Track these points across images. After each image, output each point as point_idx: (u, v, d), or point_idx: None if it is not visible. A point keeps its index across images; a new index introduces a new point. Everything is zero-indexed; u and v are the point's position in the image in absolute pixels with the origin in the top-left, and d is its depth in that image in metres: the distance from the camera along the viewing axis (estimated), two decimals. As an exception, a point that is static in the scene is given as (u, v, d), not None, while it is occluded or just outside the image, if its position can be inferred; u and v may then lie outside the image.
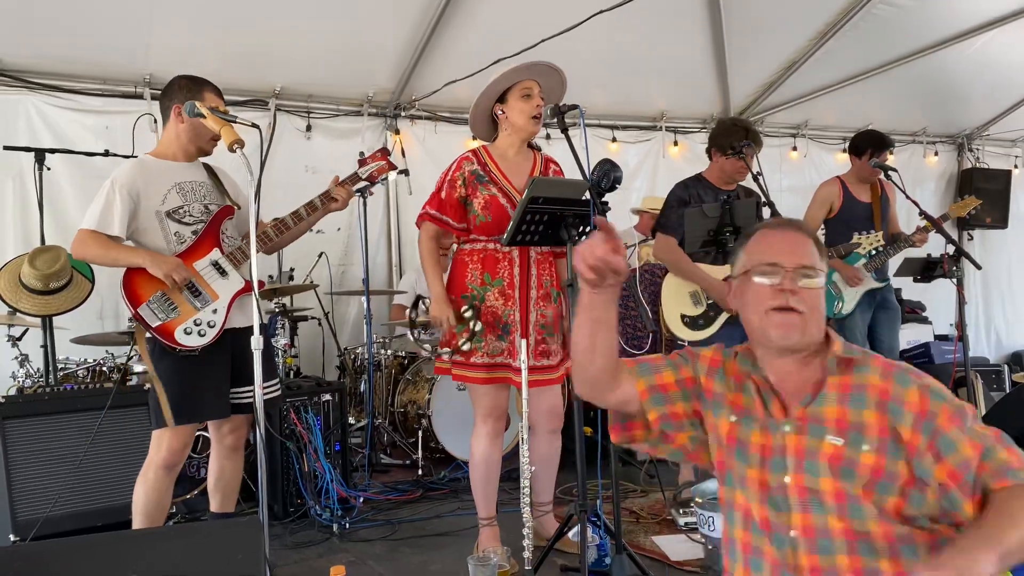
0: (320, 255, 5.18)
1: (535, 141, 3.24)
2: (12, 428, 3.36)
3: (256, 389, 2.57)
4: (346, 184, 3.13)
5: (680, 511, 3.43)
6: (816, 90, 6.68)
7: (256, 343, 2.58)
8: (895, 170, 4.48)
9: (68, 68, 4.66)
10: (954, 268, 4.12)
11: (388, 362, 4.93)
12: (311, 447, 3.74)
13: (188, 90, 2.93)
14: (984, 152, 8.23)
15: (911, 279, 4.52)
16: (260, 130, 2.76)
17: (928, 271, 4.41)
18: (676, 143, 6.66)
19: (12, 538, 3.25)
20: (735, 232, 3.54)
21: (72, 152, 4.28)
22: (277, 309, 4.61)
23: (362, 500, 3.84)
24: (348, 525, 3.57)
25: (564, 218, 2.77)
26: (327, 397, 3.92)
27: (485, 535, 3.09)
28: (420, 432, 4.46)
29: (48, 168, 4.08)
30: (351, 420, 4.60)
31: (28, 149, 4.13)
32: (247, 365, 2.90)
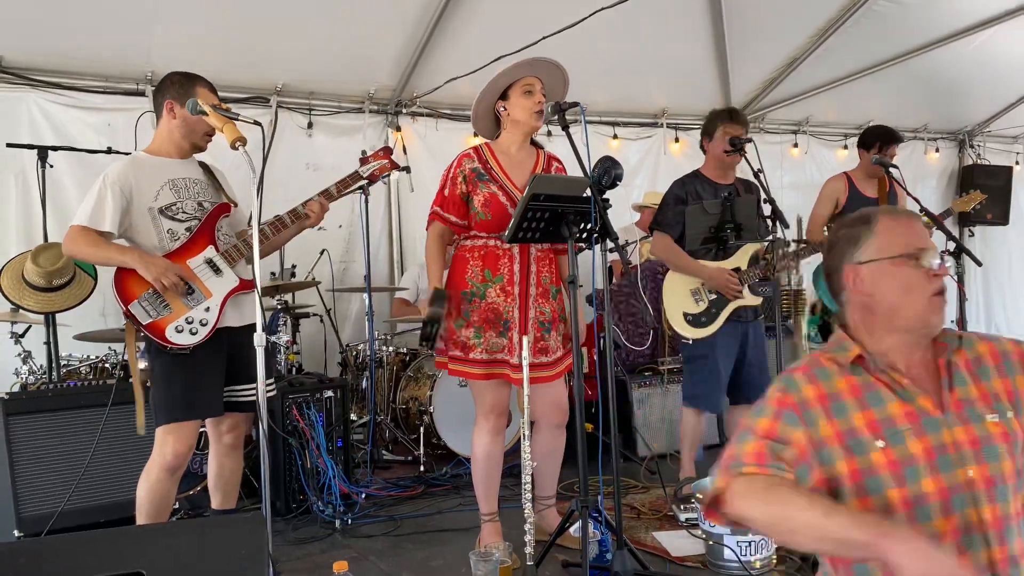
0: (322, 252, 5.19)
1: (537, 138, 3.25)
2: (16, 425, 3.37)
3: (259, 385, 2.56)
4: (321, 199, 3.06)
5: (681, 507, 3.43)
6: (817, 87, 6.68)
7: (259, 339, 2.57)
8: (895, 166, 4.49)
9: (70, 66, 4.67)
10: (954, 264, 4.13)
11: (390, 359, 4.94)
12: (313, 443, 3.75)
13: (180, 86, 2.90)
14: (985, 148, 8.24)
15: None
16: (262, 127, 2.73)
17: (929, 268, 4.41)
18: (677, 140, 6.67)
19: (16, 534, 3.27)
20: (736, 229, 3.54)
21: (75, 149, 4.30)
22: (279, 306, 4.62)
23: (364, 496, 3.85)
24: (350, 521, 3.59)
25: (565, 215, 2.78)
26: (329, 394, 3.93)
27: (487, 531, 3.10)
28: (422, 428, 4.47)
29: (51, 165, 4.10)
30: (353, 416, 4.61)
31: (31, 146, 4.15)
32: (244, 363, 2.90)
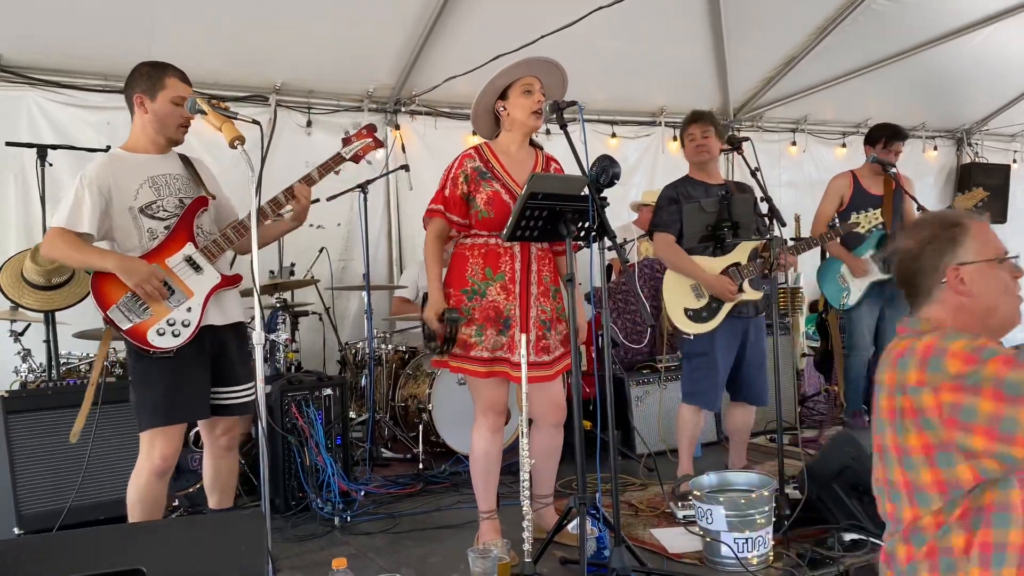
0: (321, 250, 5.20)
1: (535, 137, 3.26)
2: (15, 423, 3.38)
3: (258, 383, 2.56)
4: (301, 184, 2.96)
5: (679, 504, 3.45)
6: (815, 85, 6.70)
7: (258, 338, 2.57)
8: (893, 165, 4.51)
9: (69, 64, 4.67)
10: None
11: (389, 357, 4.95)
12: (312, 441, 3.76)
13: (149, 78, 2.82)
14: (983, 147, 8.26)
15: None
16: (260, 126, 2.73)
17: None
18: (675, 138, 6.66)
19: (16, 531, 3.28)
20: (733, 227, 3.55)
21: (74, 148, 4.30)
22: (278, 304, 4.63)
23: (363, 494, 3.86)
24: (349, 518, 3.59)
25: (563, 214, 2.79)
26: (328, 392, 3.94)
27: (485, 528, 3.11)
28: (421, 426, 4.48)
29: (50, 164, 4.10)
30: (352, 414, 4.62)
31: (30, 145, 4.15)
32: (228, 364, 2.87)
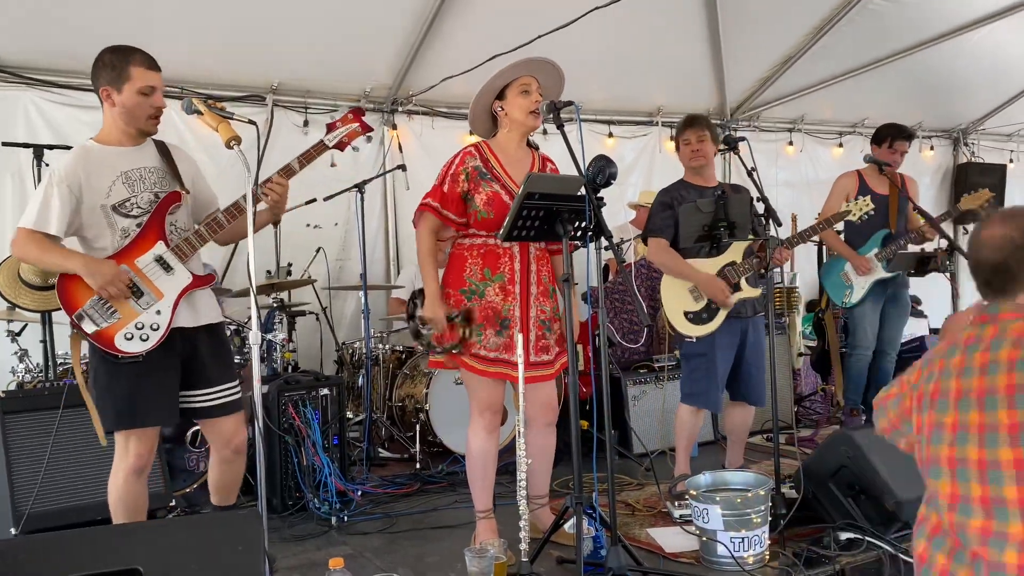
0: (318, 250, 5.20)
1: (532, 137, 3.26)
2: (12, 423, 3.38)
3: (255, 383, 2.54)
4: (279, 176, 2.85)
5: (675, 504, 3.45)
6: (812, 85, 6.71)
7: (254, 338, 2.56)
8: (889, 164, 4.53)
9: (66, 64, 4.65)
10: (947, 262, 4.17)
11: (386, 357, 4.95)
12: (309, 441, 3.76)
13: (112, 68, 2.67)
14: (979, 147, 8.28)
15: (905, 274, 4.57)
16: (257, 126, 2.71)
17: (922, 265, 4.46)
18: (672, 138, 6.68)
19: (13, 531, 3.27)
20: (729, 227, 3.56)
21: (70, 148, 4.25)
22: (275, 304, 4.63)
23: (360, 493, 3.87)
24: (346, 518, 3.60)
25: (560, 214, 2.79)
26: (325, 391, 3.94)
27: (482, 527, 3.12)
28: (418, 426, 4.48)
29: (46, 164, 4.09)
30: (349, 414, 4.62)
31: (27, 145, 4.14)
32: (201, 366, 2.80)
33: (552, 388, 3.19)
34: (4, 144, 4.19)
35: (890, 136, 4.62)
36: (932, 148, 8.03)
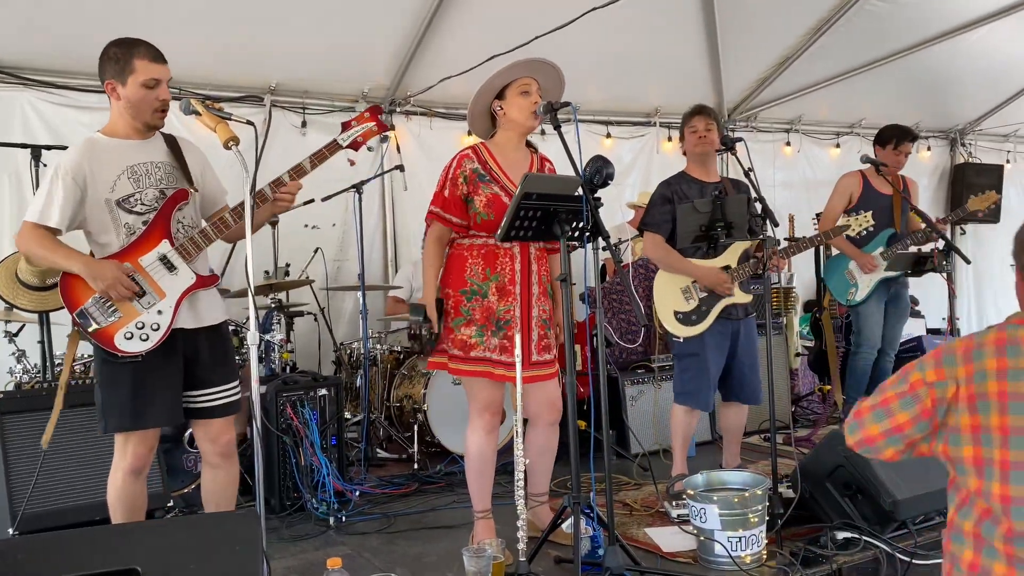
0: (316, 250, 5.21)
1: (531, 137, 3.26)
2: (10, 423, 3.38)
3: (253, 384, 2.53)
4: (290, 174, 2.83)
5: (673, 503, 3.46)
6: (809, 85, 6.72)
7: (252, 339, 2.55)
8: (886, 165, 4.54)
9: (64, 64, 4.66)
10: (944, 263, 4.18)
11: (384, 357, 4.95)
12: (307, 441, 3.77)
13: (117, 62, 2.64)
14: (976, 147, 8.29)
15: (902, 274, 4.58)
16: (255, 127, 2.69)
17: (918, 266, 4.47)
18: (670, 139, 6.69)
19: (11, 532, 3.27)
20: (726, 227, 3.56)
21: (68, 148, 4.29)
22: (273, 304, 4.64)
23: (358, 494, 3.86)
24: (344, 518, 3.60)
25: (557, 214, 2.79)
26: (323, 392, 3.94)
27: (480, 527, 3.12)
28: (416, 426, 4.49)
29: (44, 165, 4.08)
30: (347, 415, 4.62)
31: (24, 146, 4.13)
32: (203, 367, 2.78)
33: (556, 387, 3.19)
34: (1, 145, 4.18)
35: (895, 137, 4.64)
36: (929, 148, 8.04)
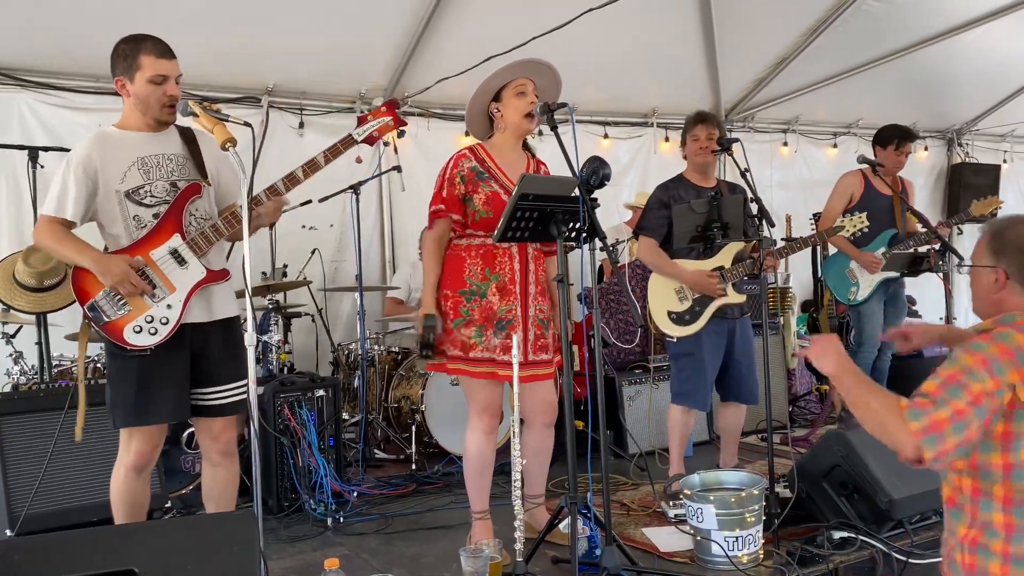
0: (313, 251, 5.21)
1: (528, 138, 3.26)
2: (7, 425, 3.38)
3: (251, 384, 2.52)
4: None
5: (670, 503, 3.46)
6: (807, 86, 6.73)
7: (250, 340, 2.55)
8: (882, 165, 4.55)
9: (61, 66, 4.66)
10: (940, 262, 4.19)
11: (382, 358, 4.95)
12: (305, 442, 3.77)
13: (125, 58, 2.68)
14: (973, 147, 8.31)
15: (899, 274, 4.59)
16: (252, 128, 2.70)
17: (915, 265, 4.48)
18: (667, 139, 6.69)
19: (8, 533, 3.27)
20: (723, 228, 3.57)
21: (65, 150, 4.23)
22: (270, 305, 4.64)
23: (356, 494, 3.87)
24: (342, 519, 3.60)
25: (554, 215, 2.80)
26: (321, 393, 3.94)
27: (478, 528, 3.12)
28: (413, 427, 4.48)
29: (42, 166, 4.10)
30: (345, 415, 4.63)
31: (21, 147, 4.15)
32: (212, 364, 2.77)
33: (551, 388, 3.20)
34: (-1, 146, 4.19)
35: (896, 138, 4.64)
36: (926, 149, 8.05)
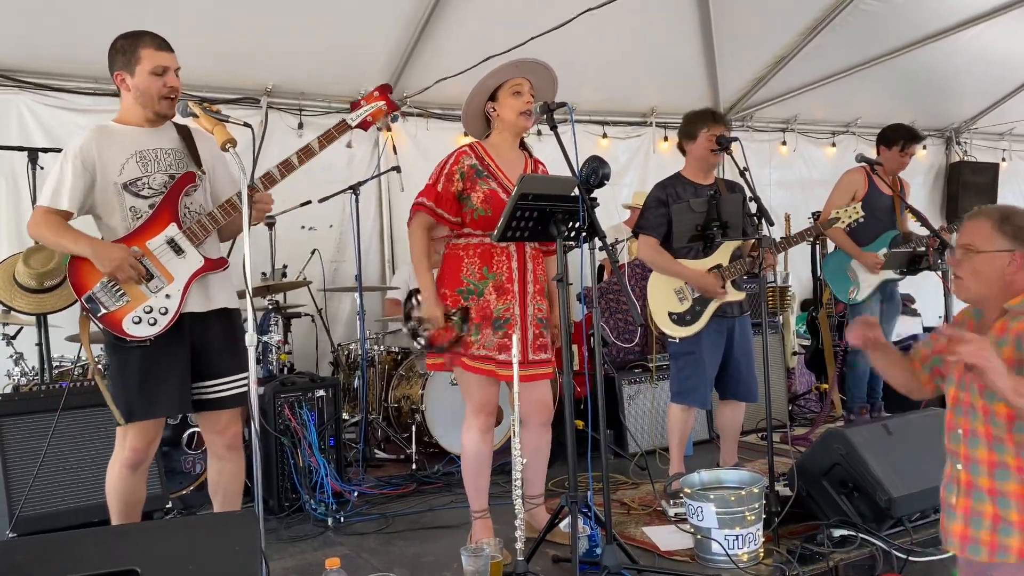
0: (313, 252, 5.21)
1: (527, 138, 3.27)
2: (8, 426, 3.38)
3: (251, 384, 2.52)
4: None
5: (670, 502, 3.47)
6: (805, 85, 6.74)
7: (251, 339, 2.56)
8: (880, 163, 4.56)
9: (60, 67, 4.66)
10: (939, 260, 4.19)
11: (381, 358, 4.96)
12: (305, 442, 3.77)
13: (124, 53, 2.70)
14: (972, 146, 8.31)
15: (898, 272, 4.60)
16: (252, 129, 2.72)
17: (914, 264, 4.49)
18: (666, 138, 6.70)
19: (10, 534, 3.28)
20: (722, 227, 3.58)
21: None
22: (270, 306, 4.64)
23: (356, 494, 3.87)
24: (343, 519, 3.61)
25: (553, 214, 2.80)
26: (321, 393, 3.95)
27: (478, 527, 3.13)
28: (413, 427, 4.49)
29: (41, 167, 4.10)
30: (345, 415, 4.63)
31: (20, 149, 4.15)
32: (213, 355, 2.75)
33: (547, 387, 3.20)
34: (-1, 147, 4.20)
35: (903, 140, 4.63)
36: (925, 147, 8.05)
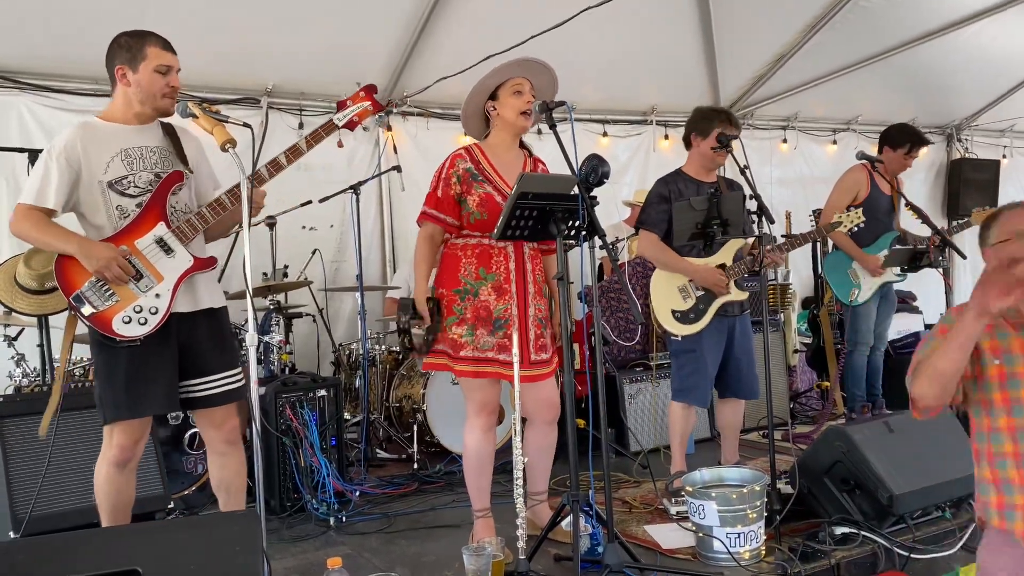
0: (314, 252, 5.21)
1: (527, 136, 3.27)
2: (10, 427, 3.38)
3: (251, 384, 2.53)
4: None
5: (672, 500, 3.47)
6: (806, 82, 6.73)
7: (251, 340, 2.56)
8: (881, 161, 4.55)
9: (59, 68, 4.66)
10: (940, 258, 4.19)
11: (383, 357, 4.96)
12: (307, 442, 3.77)
13: (129, 49, 2.70)
14: (973, 142, 8.30)
15: (899, 269, 4.60)
16: (252, 129, 2.71)
17: (915, 261, 4.48)
18: (667, 137, 6.70)
19: (11, 535, 3.28)
20: (722, 225, 3.57)
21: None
22: (271, 306, 4.64)
23: (358, 494, 3.87)
24: (344, 518, 3.61)
25: (553, 213, 2.80)
26: (322, 393, 3.95)
27: (480, 526, 3.13)
28: (415, 426, 4.49)
29: (41, 168, 4.10)
30: (346, 415, 4.63)
31: (20, 150, 4.16)
32: (200, 353, 2.74)
33: (554, 386, 3.20)
34: (-1, 149, 4.20)
35: (910, 143, 4.59)
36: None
